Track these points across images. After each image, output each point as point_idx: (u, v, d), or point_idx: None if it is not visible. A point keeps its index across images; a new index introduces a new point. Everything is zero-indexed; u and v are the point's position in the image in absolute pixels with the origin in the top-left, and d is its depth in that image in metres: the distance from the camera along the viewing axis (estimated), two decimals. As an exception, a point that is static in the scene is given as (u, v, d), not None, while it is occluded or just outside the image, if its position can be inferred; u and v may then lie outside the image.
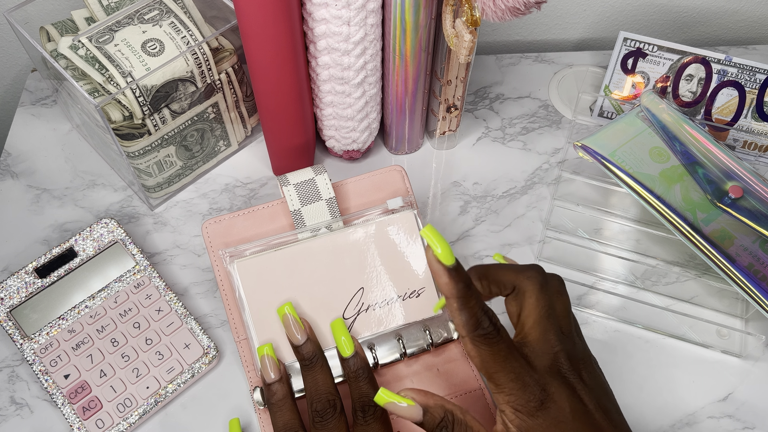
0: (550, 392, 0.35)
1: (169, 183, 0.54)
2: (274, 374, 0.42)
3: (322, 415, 0.40)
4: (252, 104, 0.56)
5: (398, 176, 0.49)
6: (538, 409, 0.34)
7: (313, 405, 0.40)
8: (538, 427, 0.34)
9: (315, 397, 0.40)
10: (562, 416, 0.34)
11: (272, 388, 0.42)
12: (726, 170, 0.49)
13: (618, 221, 0.54)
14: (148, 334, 0.46)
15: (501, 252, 0.53)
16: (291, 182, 0.46)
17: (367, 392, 0.40)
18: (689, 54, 0.56)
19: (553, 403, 0.34)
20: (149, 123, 0.48)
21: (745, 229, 0.47)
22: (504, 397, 0.35)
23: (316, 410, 0.40)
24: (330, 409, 0.40)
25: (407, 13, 0.45)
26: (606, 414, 0.36)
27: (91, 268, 0.48)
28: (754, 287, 0.45)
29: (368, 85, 0.50)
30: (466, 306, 0.34)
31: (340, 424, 0.40)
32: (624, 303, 0.50)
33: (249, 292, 0.44)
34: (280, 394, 0.41)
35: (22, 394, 0.46)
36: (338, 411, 0.40)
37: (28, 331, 0.46)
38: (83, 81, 0.48)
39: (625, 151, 0.50)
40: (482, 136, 0.60)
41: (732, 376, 0.47)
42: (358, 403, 0.40)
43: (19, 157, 0.58)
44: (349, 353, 0.41)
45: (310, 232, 0.46)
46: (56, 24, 0.51)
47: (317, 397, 0.40)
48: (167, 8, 0.50)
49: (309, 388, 0.41)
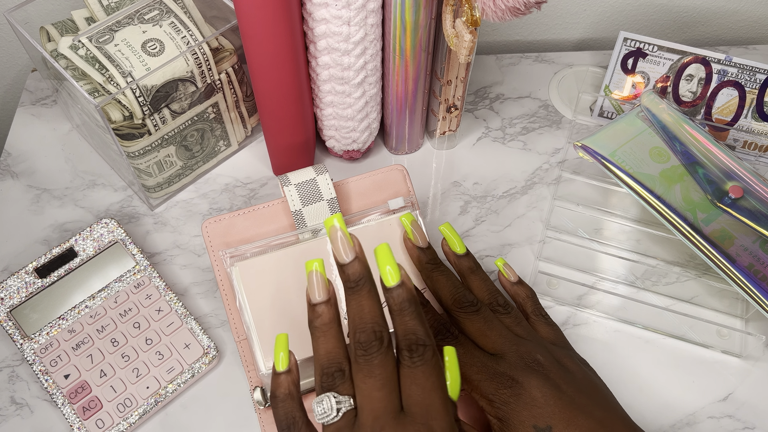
0: (519, 380, 0.38)
1: (169, 183, 0.54)
2: (321, 294, 0.36)
3: (366, 348, 0.34)
4: (252, 104, 0.56)
5: (399, 176, 0.48)
6: (510, 397, 0.37)
7: (356, 336, 0.34)
8: (513, 413, 0.37)
9: (359, 326, 0.34)
10: (535, 401, 0.37)
11: (317, 309, 0.36)
12: (726, 170, 0.49)
13: (618, 221, 0.54)
14: (148, 334, 0.46)
15: (501, 253, 0.53)
16: (292, 182, 0.46)
17: (414, 329, 0.34)
18: (689, 54, 0.56)
19: (524, 390, 0.38)
20: (149, 123, 0.48)
21: (745, 229, 0.47)
22: (477, 393, 0.39)
23: (359, 342, 0.34)
24: (376, 342, 0.34)
25: (407, 13, 0.45)
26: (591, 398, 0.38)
27: (91, 268, 0.48)
28: (754, 287, 0.45)
29: (368, 85, 0.50)
30: None
31: (387, 360, 0.34)
32: (624, 303, 0.50)
33: (249, 292, 0.43)
34: (326, 317, 0.36)
35: (22, 394, 0.46)
36: (385, 345, 0.34)
37: (28, 331, 0.46)
38: (83, 81, 0.48)
39: (625, 151, 0.50)
40: (482, 136, 0.60)
41: (732, 376, 0.47)
42: (403, 342, 0.34)
43: (19, 157, 0.58)
44: (393, 282, 0.34)
45: (311, 233, 0.46)
46: (56, 24, 0.51)
47: (362, 327, 0.34)
48: (167, 8, 0.50)
49: (353, 316, 0.35)
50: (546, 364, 0.39)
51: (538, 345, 0.40)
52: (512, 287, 0.45)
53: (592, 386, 0.39)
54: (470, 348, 0.40)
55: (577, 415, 0.37)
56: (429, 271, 0.43)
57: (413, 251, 0.44)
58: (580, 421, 0.37)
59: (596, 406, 0.38)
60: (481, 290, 0.43)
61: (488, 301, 0.42)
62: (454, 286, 0.42)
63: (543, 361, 0.39)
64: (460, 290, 0.41)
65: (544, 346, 0.41)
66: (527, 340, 0.40)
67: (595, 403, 0.38)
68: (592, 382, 0.40)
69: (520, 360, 0.39)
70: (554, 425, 0.36)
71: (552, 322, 0.44)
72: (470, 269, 0.43)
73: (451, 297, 0.41)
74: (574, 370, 0.40)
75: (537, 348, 0.40)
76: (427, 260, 0.43)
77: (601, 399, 0.39)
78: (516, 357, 0.39)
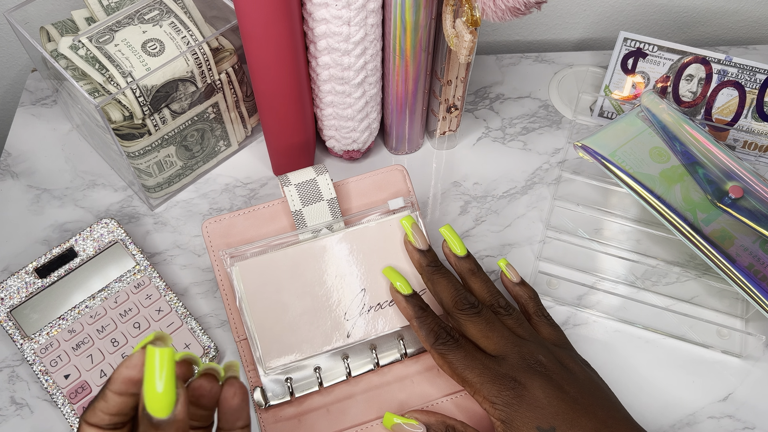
0: (521, 382, 0.38)
1: (169, 183, 0.54)
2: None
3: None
4: (252, 104, 0.56)
5: (399, 176, 0.48)
6: (513, 398, 0.38)
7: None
8: (517, 415, 0.37)
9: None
10: (537, 402, 0.37)
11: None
12: (726, 170, 0.49)
13: (618, 221, 0.54)
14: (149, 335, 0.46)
15: (502, 253, 0.53)
16: (292, 182, 0.46)
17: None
18: (689, 54, 0.56)
19: (527, 391, 0.38)
20: (149, 123, 0.48)
21: (745, 229, 0.47)
22: (480, 396, 0.39)
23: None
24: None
25: (407, 13, 0.45)
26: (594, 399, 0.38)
27: (91, 268, 0.48)
28: (754, 287, 0.45)
29: (368, 85, 0.50)
30: (423, 324, 0.41)
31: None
32: (624, 303, 0.50)
33: (249, 292, 0.43)
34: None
35: (22, 394, 0.46)
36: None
37: (28, 331, 0.46)
38: (83, 81, 0.48)
39: (625, 151, 0.50)
40: (482, 136, 0.60)
41: (732, 376, 0.47)
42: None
43: (19, 157, 0.58)
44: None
45: (311, 233, 0.46)
46: (56, 24, 0.51)
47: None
48: (167, 8, 0.50)
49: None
50: (548, 365, 0.39)
51: (540, 346, 0.40)
52: (514, 288, 0.45)
53: (594, 386, 0.40)
54: (472, 350, 0.40)
55: (580, 415, 0.37)
56: (430, 274, 0.43)
57: (414, 254, 0.44)
58: (583, 421, 0.37)
59: (599, 407, 0.38)
60: (482, 292, 0.43)
61: (489, 303, 0.42)
62: (455, 288, 0.42)
63: (545, 362, 0.39)
64: (461, 292, 0.42)
65: (546, 347, 0.41)
66: (529, 341, 0.40)
67: (598, 404, 0.38)
68: (594, 382, 0.40)
69: (523, 361, 0.39)
70: (558, 426, 0.36)
71: (554, 323, 0.44)
72: (471, 271, 0.44)
73: (452, 299, 0.41)
74: (576, 371, 0.40)
75: (539, 349, 0.40)
76: (428, 263, 0.43)
77: (603, 399, 0.39)
78: (518, 358, 0.39)
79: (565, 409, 0.37)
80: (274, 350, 0.43)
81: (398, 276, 0.43)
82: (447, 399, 0.44)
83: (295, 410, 0.44)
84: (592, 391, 0.39)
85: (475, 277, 0.43)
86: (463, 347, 0.40)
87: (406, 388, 0.44)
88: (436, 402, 0.44)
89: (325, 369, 0.44)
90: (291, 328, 0.43)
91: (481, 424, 0.42)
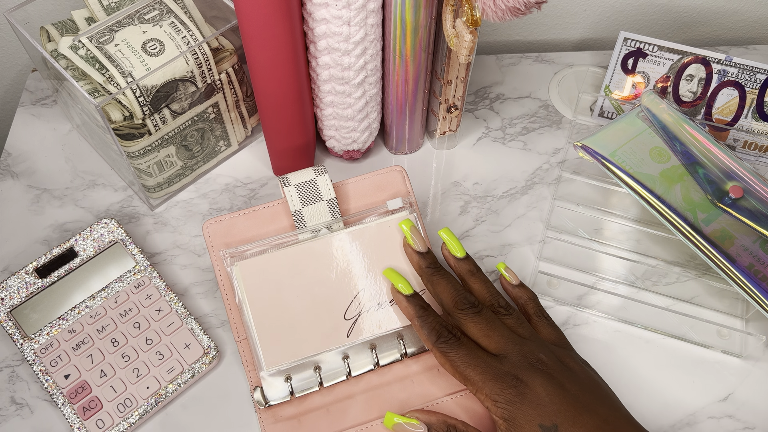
0: (523, 380, 0.38)
1: (170, 183, 0.54)
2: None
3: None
4: (252, 104, 0.56)
5: (399, 177, 0.49)
6: (515, 396, 0.38)
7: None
8: (520, 412, 0.37)
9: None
10: (539, 400, 0.37)
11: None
12: (726, 170, 0.49)
13: (618, 221, 0.54)
14: (149, 334, 0.46)
15: (502, 253, 0.53)
16: (292, 183, 0.46)
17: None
18: (689, 54, 0.56)
19: (529, 389, 0.38)
20: (149, 123, 0.48)
21: (745, 229, 0.47)
22: (482, 394, 0.39)
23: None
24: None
25: (407, 13, 0.45)
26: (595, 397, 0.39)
27: (91, 268, 0.48)
28: (755, 287, 0.45)
29: (368, 85, 0.50)
30: (425, 323, 0.41)
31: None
32: (624, 303, 0.50)
33: (249, 292, 0.44)
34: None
35: (22, 394, 0.46)
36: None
37: (28, 331, 0.46)
38: (83, 81, 0.48)
39: (625, 151, 0.50)
40: (482, 136, 0.60)
41: (732, 376, 0.47)
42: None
43: (19, 157, 0.58)
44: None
45: (310, 233, 0.46)
46: (56, 24, 0.51)
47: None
48: (167, 8, 0.50)
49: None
50: (549, 364, 0.39)
51: (541, 345, 0.40)
52: (513, 290, 0.46)
53: (595, 385, 0.40)
54: (473, 349, 0.40)
55: (581, 413, 0.37)
56: (429, 275, 0.43)
57: (413, 256, 0.44)
58: (584, 419, 0.37)
59: (600, 405, 0.38)
60: (482, 292, 0.43)
61: (489, 303, 0.42)
62: (455, 288, 0.42)
63: (546, 361, 0.39)
64: (461, 292, 0.42)
65: (546, 346, 0.41)
66: (529, 340, 0.40)
67: (599, 402, 0.38)
68: (594, 381, 0.40)
69: (524, 359, 0.39)
70: (560, 423, 0.36)
71: (553, 324, 0.44)
72: (470, 272, 0.44)
73: (452, 299, 0.42)
74: (576, 370, 0.40)
75: (539, 348, 0.40)
76: (427, 264, 0.43)
77: (604, 397, 0.39)
78: (519, 356, 0.39)
79: (566, 406, 0.37)
80: (274, 350, 0.43)
81: (399, 277, 0.43)
82: (448, 398, 0.44)
83: (295, 410, 0.44)
84: (592, 390, 0.39)
85: (474, 278, 0.44)
86: (464, 345, 0.40)
87: (406, 387, 0.44)
88: (437, 401, 0.44)
89: (325, 369, 0.44)
90: (291, 327, 0.43)
91: (482, 424, 0.42)
